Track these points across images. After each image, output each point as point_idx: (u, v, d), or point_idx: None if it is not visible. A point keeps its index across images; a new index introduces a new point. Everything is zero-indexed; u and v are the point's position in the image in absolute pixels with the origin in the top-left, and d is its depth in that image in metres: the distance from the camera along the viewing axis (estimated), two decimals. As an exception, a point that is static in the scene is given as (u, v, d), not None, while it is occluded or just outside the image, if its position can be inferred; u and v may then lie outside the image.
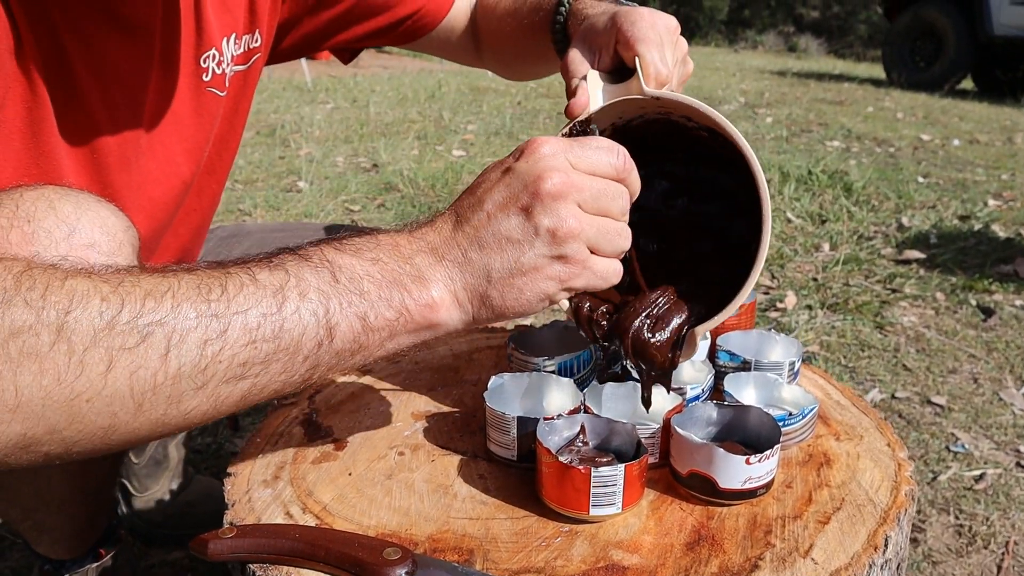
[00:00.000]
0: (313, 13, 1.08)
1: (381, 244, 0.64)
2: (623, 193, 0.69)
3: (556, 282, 0.65)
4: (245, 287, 0.58)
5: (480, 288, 0.65)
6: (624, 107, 0.79)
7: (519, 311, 0.66)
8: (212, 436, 1.79)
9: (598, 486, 0.65)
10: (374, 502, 0.71)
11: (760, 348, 0.91)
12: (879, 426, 0.86)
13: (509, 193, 0.65)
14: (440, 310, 0.64)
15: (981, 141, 5.54)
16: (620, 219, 0.69)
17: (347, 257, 0.62)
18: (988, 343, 2.36)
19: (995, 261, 2.98)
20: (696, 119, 0.76)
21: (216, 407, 0.58)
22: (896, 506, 0.72)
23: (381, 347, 0.64)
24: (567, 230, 0.64)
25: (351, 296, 0.61)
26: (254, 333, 0.57)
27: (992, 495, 1.66)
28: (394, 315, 0.62)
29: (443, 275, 0.65)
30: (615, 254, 0.69)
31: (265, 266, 0.60)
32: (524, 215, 0.64)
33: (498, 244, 0.64)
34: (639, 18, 0.80)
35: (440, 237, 0.66)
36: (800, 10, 23.98)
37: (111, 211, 0.72)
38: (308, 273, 0.60)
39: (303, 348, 0.59)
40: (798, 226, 3.38)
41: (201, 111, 0.94)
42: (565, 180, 0.64)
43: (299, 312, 0.59)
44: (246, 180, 4.03)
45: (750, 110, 6.53)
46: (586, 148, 0.67)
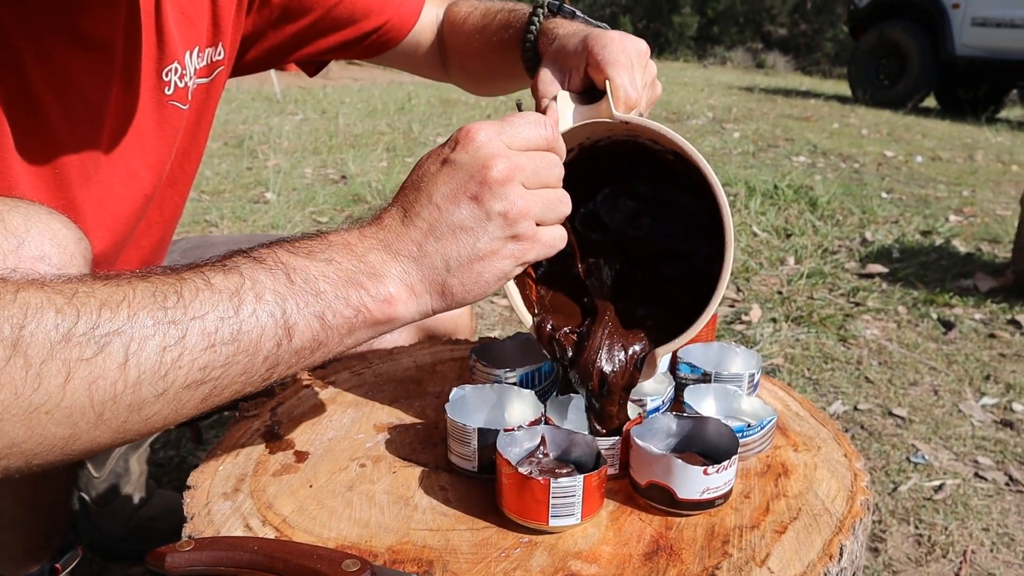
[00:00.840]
0: (277, 27, 1.08)
1: (333, 244, 0.66)
2: (556, 161, 0.72)
3: (511, 259, 0.68)
4: (201, 292, 0.58)
5: (439, 278, 0.67)
6: (593, 129, 0.80)
7: (479, 293, 0.68)
8: (175, 449, 1.77)
9: (557, 497, 0.66)
10: (334, 514, 0.71)
11: (720, 360, 0.92)
12: (836, 437, 0.88)
13: (456, 184, 0.67)
14: (398, 304, 0.66)
15: (943, 158, 5.66)
16: (558, 186, 0.72)
17: (300, 259, 0.63)
18: (948, 356, 2.40)
19: (955, 276, 3.04)
20: (662, 143, 0.78)
21: (177, 411, 0.59)
22: (851, 515, 0.73)
23: (340, 343, 0.65)
24: (517, 211, 0.67)
25: (307, 296, 0.62)
26: (212, 337, 0.58)
27: (951, 505, 1.69)
28: (352, 313, 0.64)
29: (398, 270, 0.66)
30: (559, 220, 0.72)
31: (219, 270, 0.61)
32: (475, 203, 0.66)
33: (453, 234, 0.66)
34: (610, 41, 0.82)
35: (391, 233, 0.67)
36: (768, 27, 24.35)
37: (62, 223, 0.72)
38: (263, 275, 0.61)
39: (262, 349, 0.60)
40: (764, 240, 3.43)
41: (163, 125, 0.94)
42: (508, 164, 0.67)
43: (256, 314, 0.60)
44: (213, 191, 4.00)
45: (718, 125, 6.61)
46: (516, 126, 0.70)
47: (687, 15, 23.84)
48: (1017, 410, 2.09)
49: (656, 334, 0.79)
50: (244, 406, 0.90)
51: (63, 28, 0.79)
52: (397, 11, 1.14)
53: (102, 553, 1.39)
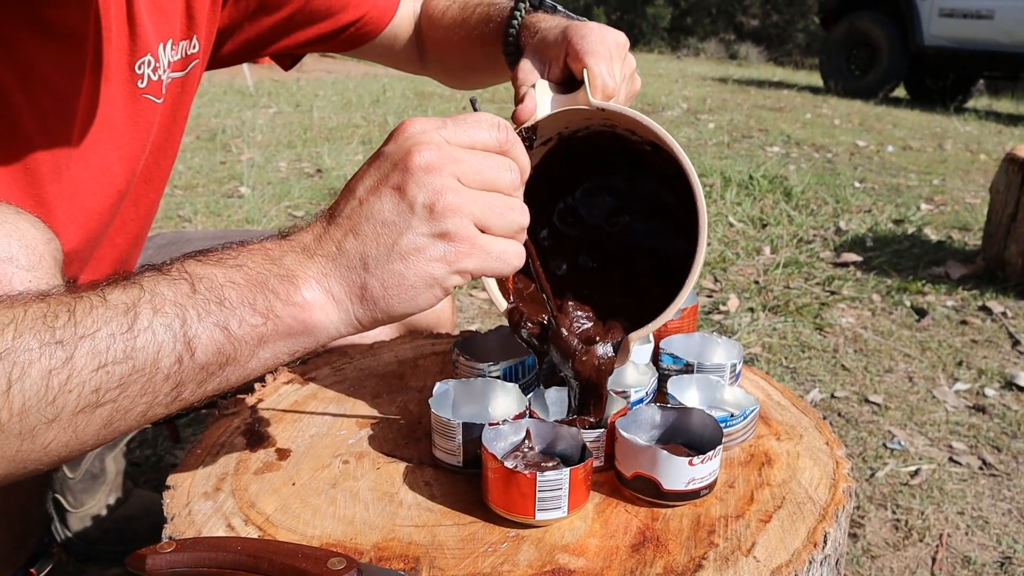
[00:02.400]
0: (253, 19, 1.06)
1: (248, 250, 0.61)
2: (509, 165, 0.64)
3: (442, 263, 0.60)
4: (95, 309, 0.55)
5: (358, 280, 0.60)
6: (570, 117, 0.80)
7: (405, 301, 0.61)
8: (152, 448, 1.74)
9: (544, 490, 0.65)
10: (318, 512, 0.70)
11: (702, 351, 0.93)
12: (818, 425, 0.88)
13: (380, 174, 0.61)
14: (314, 310, 0.59)
15: (913, 147, 5.73)
16: (511, 193, 0.64)
17: (208, 267, 0.59)
18: (922, 343, 2.43)
19: (928, 263, 3.08)
20: (639, 132, 0.78)
21: (77, 437, 0.55)
22: (834, 503, 0.73)
23: (253, 356, 0.59)
24: (445, 203, 0.60)
25: (209, 305, 0.57)
26: (103, 356, 0.54)
27: (927, 490, 1.71)
28: (260, 320, 0.58)
29: (315, 272, 0.60)
30: (510, 232, 0.64)
31: (119, 285, 0.57)
32: (397, 194, 0.60)
33: (373, 229, 0.60)
34: (589, 32, 0.82)
35: (313, 235, 0.62)
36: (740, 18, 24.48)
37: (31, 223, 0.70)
38: (164, 287, 0.57)
39: (161, 366, 0.56)
40: (740, 230, 3.45)
41: (137, 119, 0.92)
42: (438, 153, 0.60)
43: (152, 328, 0.55)
44: (186, 185, 3.95)
45: (692, 116, 6.64)
46: (462, 124, 0.64)
47: (660, 6, 23.91)
48: (989, 395, 2.12)
49: (630, 322, 0.79)
50: (223, 404, 0.89)
51: (29, 18, 0.77)
52: (375, 4, 1.13)
53: (79, 555, 1.37)
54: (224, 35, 1.06)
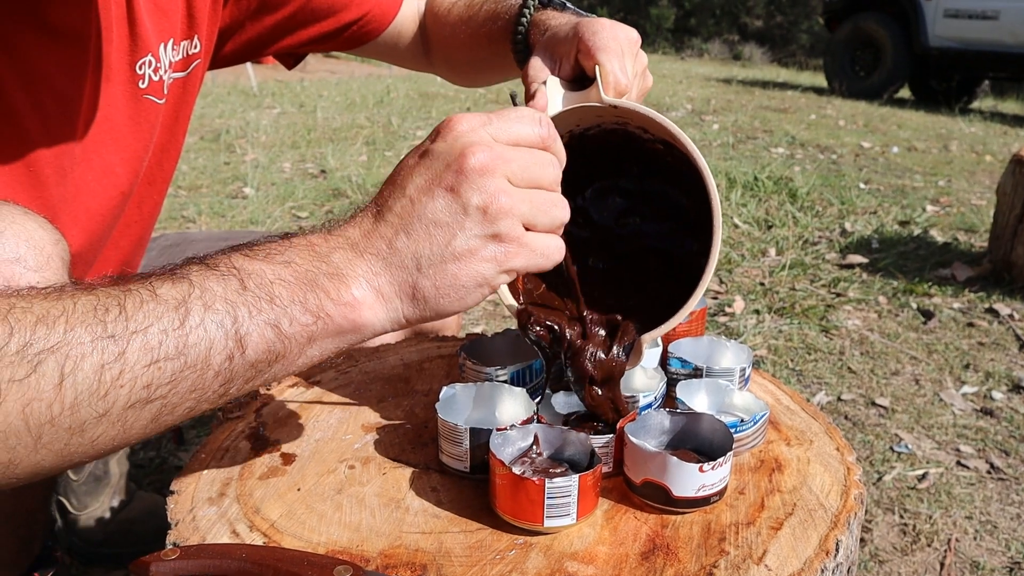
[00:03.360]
0: (255, 18, 1.06)
1: (294, 245, 0.60)
2: (552, 161, 0.65)
3: (493, 264, 0.61)
4: (145, 303, 0.54)
5: (409, 280, 0.60)
6: (582, 115, 0.79)
7: (455, 300, 0.61)
8: (155, 450, 1.74)
9: (552, 497, 0.65)
10: (324, 518, 0.69)
11: (711, 355, 0.92)
12: (828, 430, 0.87)
13: (432, 174, 0.61)
14: (363, 309, 0.60)
15: (919, 148, 5.71)
16: (554, 189, 0.65)
17: (256, 263, 0.58)
18: (928, 345, 2.42)
19: (934, 265, 3.07)
20: (652, 130, 0.77)
21: (125, 432, 0.55)
22: (846, 510, 0.73)
23: (302, 354, 0.60)
24: (499, 206, 0.60)
25: (260, 303, 0.57)
26: (155, 352, 0.53)
27: (935, 494, 1.70)
28: (311, 319, 0.58)
29: (365, 270, 0.60)
30: (553, 227, 0.65)
31: (168, 279, 0.56)
32: (451, 195, 0.60)
33: (425, 229, 0.60)
34: (601, 28, 0.81)
35: (360, 231, 0.61)
36: (744, 19, 24.45)
37: (38, 223, 0.69)
38: (214, 283, 0.56)
39: (212, 363, 0.56)
40: (745, 231, 3.44)
41: (139, 119, 0.91)
42: (490, 154, 0.61)
43: (204, 325, 0.55)
44: (190, 186, 3.95)
45: (697, 117, 6.63)
46: (506, 120, 0.64)
47: (664, 7, 23.90)
48: (997, 398, 2.11)
49: (642, 324, 0.78)
50: (227, 407, 0.88)
51: (30, 19, 0.77)
52: (377, 2, 1.12)
53: (83, 558, 1.36)
54: (226, 34, 1.06)
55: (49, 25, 0.78)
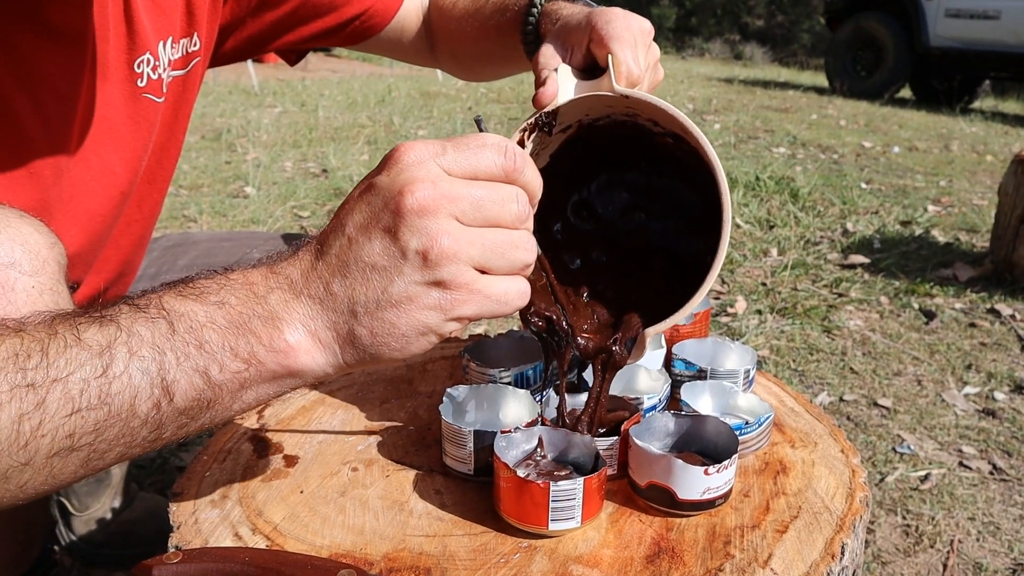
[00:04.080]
0: (256, 15, 1.05)
1: (231, 283, 0.57)
2: (516, 196, 0.59)
3: (436, 312, 0.56)
4: (68, 349, 0.52)
5: (346, 326, 0.56)
6: (592, 104, 0.77)
7: (396, 349, 0.57)
8: (156, 451, 1.73)
9: (557, 500, 0.64)
10: (327, 521, 0.69)
11: (715, 356, 0.91)
12: (832, 432, 0.87)
13: (371, 212, 0.56)
14: (299, 355, 0.56)
15: (920, 148, 5.71)
16: (517, 227, 0.59)
17: (189, 303, 0.55)
18: (930, 346, 2.42)
19: (936, 265, 3.06)
20: (663, 123, 0.76)
21: (54, 478, 0.54)
22: (851, 513, 0.72)
23: (236, 400, 0.57)
24: (440, 250, 0.55)
25: (189, 348, 0.54)
26: (77, 401, 0.51)
27: (937, 495, 1.70)
28: (242, 366, 0.55)
29: (302, 314, 0.56)
30: (514, 270, 0.59)
31: (95, 322, 0.54)
32: (389, 237, 0.55)
33: (362, 273, 0.56)
34: (614, 17, 0.78)
35: (299, 270, 0.57)
36: (746, 19, 24.44)
37: (34, 227, 0.68)
38: (141, 327, 0.54)
39: (138, 412, 0.53)
40: (747, 231, 3.43)
41: (137, 118, 0.91)
42: (433, 192, 0.55)
43: (128, 372, 0.53)
44: (191, 185, 3.95)
45: (699, 116, 6.62)
46: (463, 149, 0.58)
47: (665, 6, 23.89)
48: (999, 399, 2.11)
49: (645, 317, 0.77)
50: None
51: (29, 20, 0.76)
52: None
53: (83, 559, 1.36)
54: (226, 31, 1.05)
55: (48, 25, 0.77)
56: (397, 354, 0.58)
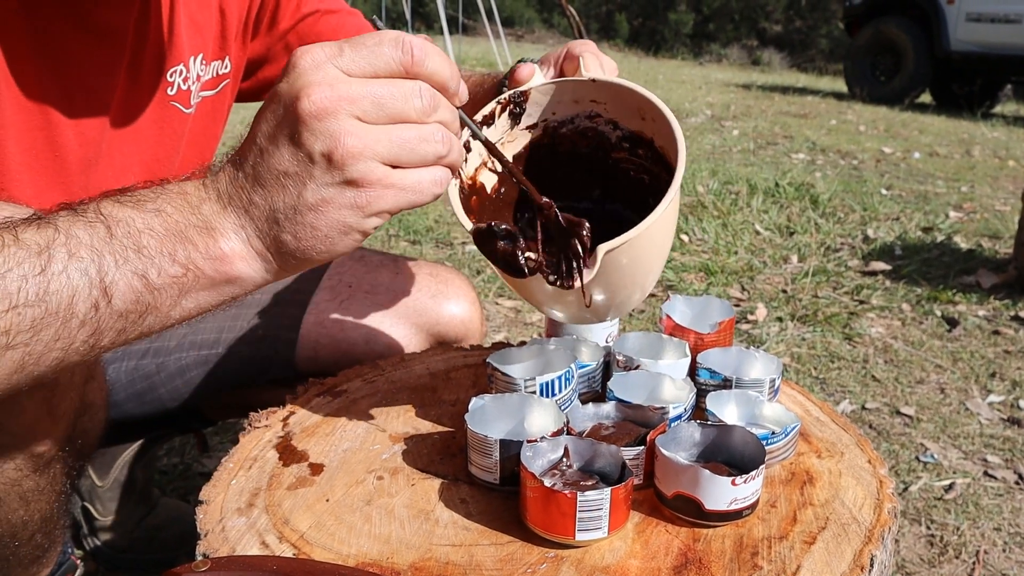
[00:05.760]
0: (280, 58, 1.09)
1: (167, 193, 0.58)
2: (419, 90, 0.59)
3: (354, 210, 0.58)
4: (6, 247, 0.53)
5: (271, 232, 0.58)
6: (559, 98, 0.81)
7: (323, 251, 0.59)
8: (179, 456, 1.75)
9: (584, 510, 0.64)
10: (353, 529, 0.69)
11: (740, 365, 0.91)
12: (859, 442, 0.86)
13: (275, 121, 0.57)
14: (235, 262, 0.59)
15: (940, 154, 5.66)
16: (424, 120, 0.59)
17: (126, 210, 0.57)
18: (953, 353, 2.39)
19: (958, 272, 3.03)
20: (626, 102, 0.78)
21: None
22: (880, 524, 0.71)
23: (176, 306, 0.58)
24: (345, 151, 0.56)
25: (127, 252, 0.55)
26: (14, 298, 0.52)
27: (962, 504, 1.68)
28: (180, 271, 0.57)
29: (232, 223, 0.58)
30: (425, 163, 0.60)
31: (33, 224, 0.55)
32: (294, 144, 0.56)
33: (276, 181, 0.57)
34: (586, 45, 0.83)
35: (225, 181, 0.59)
36: (763, 24, 24.36)
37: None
38: (79, 230, 0.55)
39: (76, 311, 0.54)
40: (767, 238, 3.41)
41: (162, 124, 0.93)
42: (330, 94, 0.56)
43: (67, 271, 0.54)
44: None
45: (717, 123, 6.60)
46: (360, 48, 0.58)
47: (683, 12, 23.86)
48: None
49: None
50: (255, 416, 0.88)
51: (76, 15, 0.79)
52: None
53: (108, 564, 1.37)
54: (252, 67, 1.09)
55: (90, 22, 0.80)
56: (325, 255, 0.60)
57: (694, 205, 3.73)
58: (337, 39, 0.62)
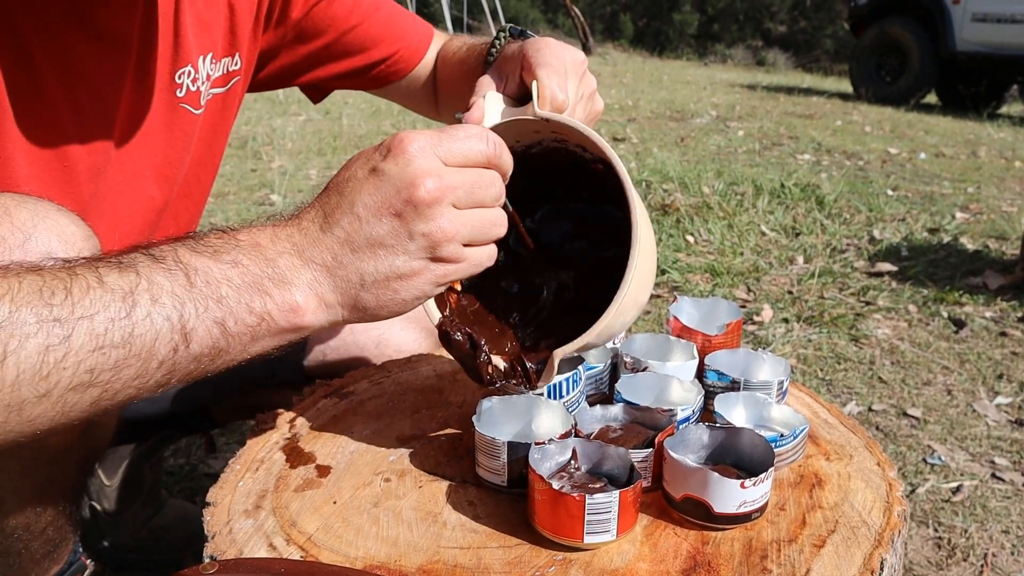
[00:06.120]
0: (291, 46, 1.09)
1: (241, 245, 0.62)
2: (496, 180, 0.68)
3: (433, 282, 0.66)
4: (92, 290, 0.55)
5: (352, 292, 0.64)
6: (519, 129, 0.79)
7: (395, 311, 0.66)
8: (185, 457, 1.75)
9: (593, 513, 0.64)
10: (361, 532, 0.69)
11: (747, 367, 0.91)
12: (868, 445, 0.86)
13: (381, 197, 0.63)
14: (306, 314, 0.63)
15: (946, 154, 5.64)
16: (494, 206, 0.69)
17: (204, 259, 0.60)
18: (960, 355, 2.38)
19: (965, 273, 3.02)
20: (589, 148, 0.77)
21: (64, 414, 0.56)
22: (890, 527, 0.71)
23: (244, 351, 0.63)
24: (443, 234, 0.64)
25: (208, 301, 0.59)
26: (102, 339, 0.55)
27: (969, 507, 1.67)
28: (256, 320, 0.61)
29: (309, 278, 0.63)
30: (489, 241, 0.69)
31: (115, 267, 0.58)
32: (398, 220, 0.63)
33: (371, 249, 0.63)
34: (544, 47, 0.82)
35: (307, 238, 0.64)
36: (768, 24, 24.32)
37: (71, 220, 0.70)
38: (160, 276, 0.58)
39: (157, 354, 0.58)
40: (772, 239, 3.41)
41: (173, 127, 0.93)
42: (439, 183, 0.63)
43: (151, 317, 0.57)
44: (217, 193, 3.98)
45: (722, 123, 6.59)
46: (455, 140, 0.66)
47: (687, 13, 23.83)
48: (1032, 410, 2.07)
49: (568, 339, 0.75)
50: (261, 418, 0.88)
51: (79, 20, 0.79)
52: (407, 43, 1.15)
53: (113, 564, 1.37)
54: (263, 59, 1.09)
55: (95, 26, 0.80)
56: (395, 315, 0.67)
57: (699, 206, 3.72)
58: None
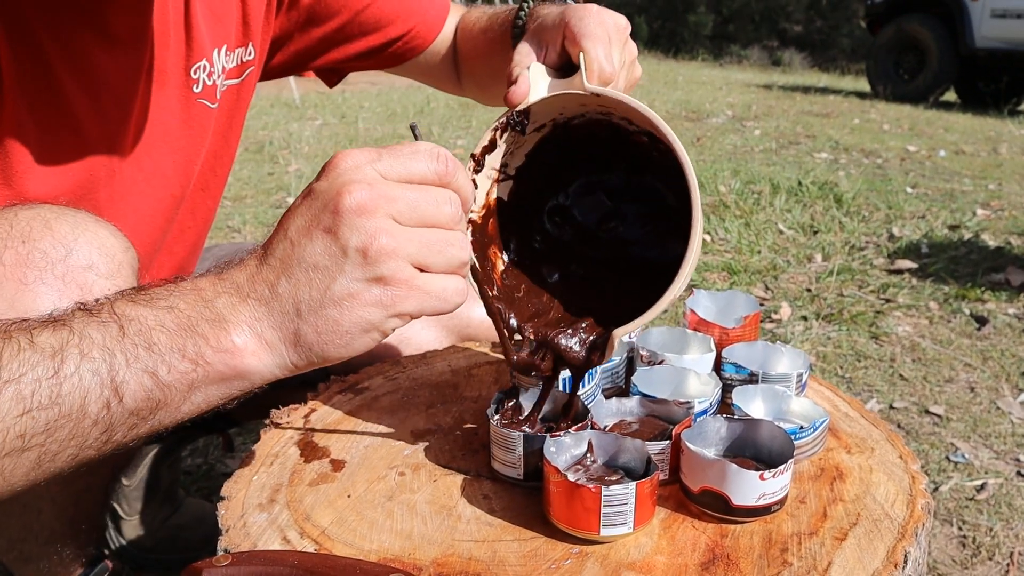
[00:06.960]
0: (304, 30, 1.07)
1: (180, 290, 0.59)
2: (449, 198, 0.62)
3: (378, 308, 0.59)
4: (22, 351, 0.54)
5: (291, 326, 0.58)
6: (565, 102, 0.76)
7: (340, 347, 0.59)
8: (203, 457, 1.75)
9: (609, 505, 0.63)
10: (375, 525, 0.68)
11: (766, 360, 0.89)
12: (890, 438, 0.85)
13: (311, 215, 0.59)
14: (245, 356, 0.58)
15: (967, 152, 5.58)
16: (452, 227, 0.62)
17: (139, 308, 0.57)
18: (983, 352, 2.35)
19: (986, 270, 2.98)
20: (636, 121, 0.74)
21: (6, 480, 0.54)
22: (914, 520, 0.70)
23: (186, 401, 0.59)
24: (379, 247, 0.57)
25: (138, 350, 0.56)
26: (28, 402, 0.53)
27: (994, 505, 1.64)
28: (190, 366, 0.57)
29: (248, 316, 0.58)
30: (450, 268, 0.61)
31: (48, 326, 0.56)
32: (329, 236, 0.58)
33: (305, 273, 0.58)
34: (587, 14, 0.79)
35: (245, 275, 0.60)
36: (784, 24, 24.19)
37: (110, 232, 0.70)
38: (93, 330, 0.56)
39: (89, 412, 0.55)
40: (790, 237, 3.38)
41: (191, 123, 0.93)
42: (370, 192, 0.58)
43: (79, 373, 0.54)
44: (235, 196, 4.00)
45: (738, 123, 6.55)
46: (397, 156, 0.60)
47: (702, 14, 23.74)
48: (1057, 407, 2.04)
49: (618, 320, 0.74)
50: (276, 414, 0.88)
51: (93, 26, 0.79)
52: (423, 19, 1.13)
53: (132, 563, 1.37)
54: (276, 45, 1.07)
55: (108, 30, 0.80)
56: (342, 351, 0.60)
57: (716, 205, 3.70)
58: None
